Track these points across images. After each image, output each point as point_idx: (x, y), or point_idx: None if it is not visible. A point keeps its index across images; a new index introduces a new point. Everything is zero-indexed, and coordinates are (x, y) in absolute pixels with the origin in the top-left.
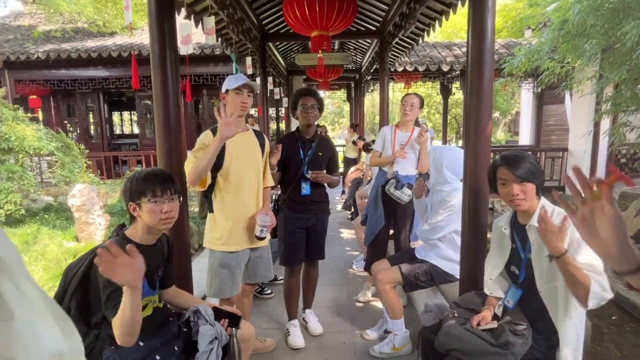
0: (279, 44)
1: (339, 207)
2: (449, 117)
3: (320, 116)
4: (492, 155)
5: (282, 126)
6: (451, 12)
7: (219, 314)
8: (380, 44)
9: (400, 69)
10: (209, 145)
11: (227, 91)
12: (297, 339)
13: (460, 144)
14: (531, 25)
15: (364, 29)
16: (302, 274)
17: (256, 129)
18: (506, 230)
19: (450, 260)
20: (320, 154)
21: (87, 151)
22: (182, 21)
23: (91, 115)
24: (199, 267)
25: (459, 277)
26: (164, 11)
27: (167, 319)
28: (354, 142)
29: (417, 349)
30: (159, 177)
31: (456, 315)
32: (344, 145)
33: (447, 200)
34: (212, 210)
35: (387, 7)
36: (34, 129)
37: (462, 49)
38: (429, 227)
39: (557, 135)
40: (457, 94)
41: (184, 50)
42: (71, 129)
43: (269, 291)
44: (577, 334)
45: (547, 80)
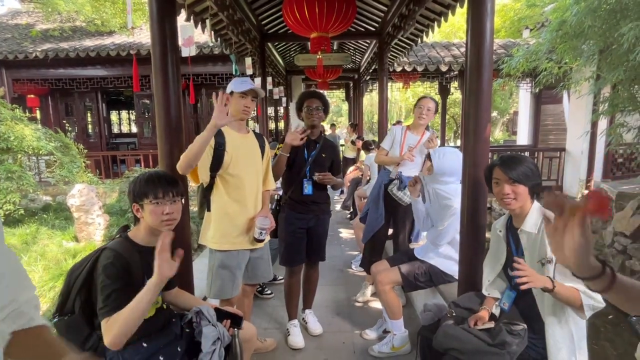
0: (278, 44)
1: (338, 206)
2: (447, 116)
3: (325, 118)
4: (489, 155)
5: (281, 125)
6: (450, 13)
7: (221, 315)
8: (379, 44)
9: (398, 69)
10: (210, 144)
11: (231, 93)
12: (297, 339)
13: (458, 143)
14: (529, 25)
15: (363, 30)
16: (302, 275)
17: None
18: (501, 233)
19: (449, 258)
20: (323, 155)
21: (86, 151)
22: (183, 23)
23: (89, 114)
24: (199, 267)
25: (457, 278)
26: (165, 13)
27: (170, 320)
28: (353, 142)
29: (415, 349)
30: (161, 179)
31: (454, 314)
32: (343, 144)
33: (450, 205)
34: (209, 209)
35: (386, 9)
36: (32, 128)
37: (461, 49)
38: (437, 233)
39: (554, 135)
40: (455, 94)
41: (186, 52)
42: (69, 129)
43: (269, 291)
44: (571, 334)
45: (545, 80)
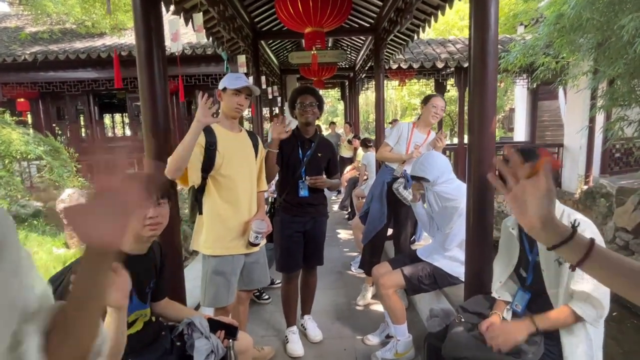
0: (271, 42)
1: (335, 207)
2: (443, 114)
3: (320, 115)
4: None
5: None
6: (447, 6)
7: (215, 325)
8: (375, 40)
9: (394, 67)
10: (201, 143)
11: (224, 89)
12: (296, 346)
13: (455, 140)
14: (524, 21)
15: (358, 26)
16: (300, 280)
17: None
18: (514, 230)
19: (455, 260)
20: (319, 154)
21: (77, 155)
22: (170, 17)
23: (82, 117)
24: (193, 274)
25: (463, 279)
26: (150, 6)
27: (159, 333)
28: (349, 141)
29: (420, 354)
30: None
31: (463, 320)
32: (339, 144)
33: (456, 206)
34: (201, 212)
35: (381, 3)
36: (20, 132)
37: (457, 46)
38: (444, 237)
39: (551, 131)
40: (451, 91)
41: (174, 47)
42: (59, 132)
43: (267, 296)
44: (589, 339)
45: (543, 75)
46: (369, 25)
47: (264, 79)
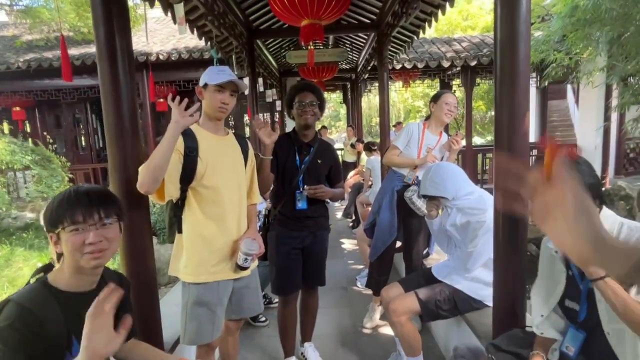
0: (269, 42)
1: (339, 214)
2: (457, 111)
3: (321, 115)
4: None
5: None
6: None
7: None
8: (377, 37)
9: (398, 67)
10: (179, 149)
11: (205, 85)
12: None
13: (463, 143)
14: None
15: (359, 22)
16: (299, 303)
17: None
18: (557, 253)
19: (478, 281)
20: (319, 161)
21: (69, 164)
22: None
23: (80, 126)
24: (170, 307)
25: (489, 304)
26: None
27: None
28: (353, 145)
29: None
30: (81, 196)
31: None
32: (342, 148)
33: (481, 221)
34: (180, 230)
35: None
36: (6, 141)
37: (463, 44)
38: (467, 256)
39: (561, 131)
40: (457, 92)
41: (181, 31)
42: (52, 141)
43: (263, 318)
44: None
45: (555, 73)
46: (370, 21)
47: (261, 80)
